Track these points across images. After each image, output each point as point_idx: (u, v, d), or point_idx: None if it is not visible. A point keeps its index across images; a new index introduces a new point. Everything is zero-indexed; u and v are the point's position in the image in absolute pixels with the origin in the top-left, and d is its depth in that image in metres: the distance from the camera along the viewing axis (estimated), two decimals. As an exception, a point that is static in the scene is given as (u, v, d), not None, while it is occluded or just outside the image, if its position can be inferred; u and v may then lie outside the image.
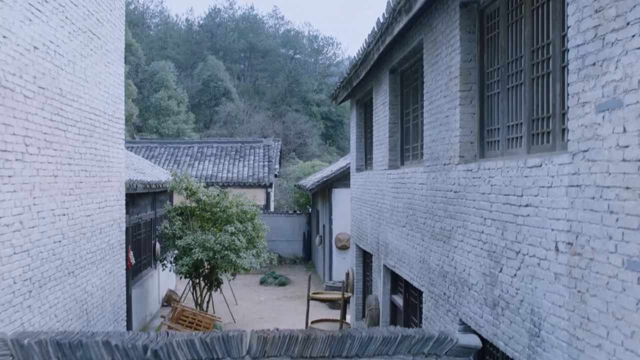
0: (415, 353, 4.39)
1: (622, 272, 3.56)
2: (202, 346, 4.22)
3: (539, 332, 4.63)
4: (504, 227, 5.32)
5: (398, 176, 9.53)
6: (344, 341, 4.34)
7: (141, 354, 4.15)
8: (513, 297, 5.11)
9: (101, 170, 8.75)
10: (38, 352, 4.13)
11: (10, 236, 5.78)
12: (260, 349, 4.27)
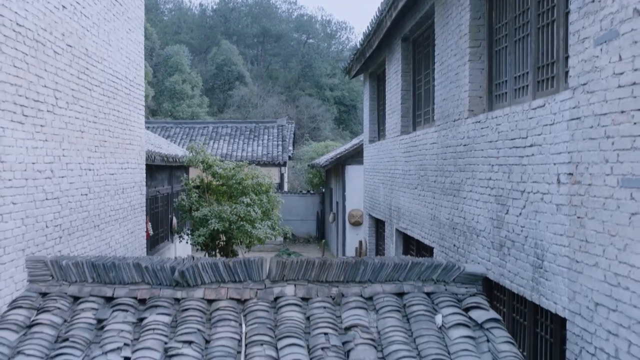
0: (425, 279, 4.68)
1: (617, 191, 3.82)
2: (226, 269, 4.53)
3: (542, 264, 4.90)
4: (510, 171, 5.58)
5: (410, 140, 9.78)
6: (357, 267, 4.64)
7: (169, 275, 4.48)
8: (518, 235, 5.38)
9: (123, 132, 9.09)
10: (75, 273, 4.47)
11: (42, 182, 6.13)
12: (279, 273, 4.58)
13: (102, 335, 4.03)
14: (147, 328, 4.09)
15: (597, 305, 4.08)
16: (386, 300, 4.48)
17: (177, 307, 4.35)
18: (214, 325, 4.19)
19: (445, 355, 3.99)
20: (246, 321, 4.24)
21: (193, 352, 3.89)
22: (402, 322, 4.31)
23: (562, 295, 4.57)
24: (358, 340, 4.07)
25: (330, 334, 4.12)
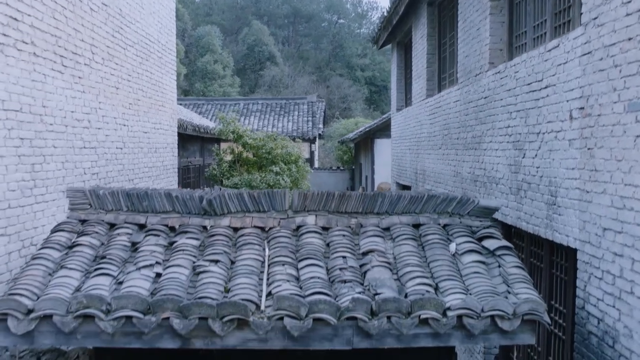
0: (440, 212, 4.89)
1: (623, 117, 3.98)
2: (250, 200, 4.81)
3: (555, 200, 5.07)
4: (526, 115, 5.73)
5: (435, 102, 9.93)
6: (375, 199, 4.87)
7: (197, 204, 4.78)
8: (534, 176, 5.54)
9: (156, 93, 9.45)
10: (111, 201, 4.80)
11: (80, 131, 6.50)
12: (300, 203, 4.84)
13: (135, 255, 4.36)
14: (177, 249, 4.40)
15: (604, 231, 4.25)
16: (402, 229, 4.71)
17: (205, 234, 4.65)
18: (239, 248, 4.49)
19: (457, 276, 4.21)
20: (269, 246, 4.52)
21: (219, 270, 4.19)
22: (417, 249, 4.54)
23: (574, 227, 4.74)
24: (374, 263, 4.31)
25: (348, 257, 4.37)
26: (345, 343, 3.84)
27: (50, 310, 3.71)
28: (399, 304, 3.82)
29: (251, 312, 3.78)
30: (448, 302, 3.89)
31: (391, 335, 3.84)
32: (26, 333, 3.71)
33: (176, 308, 3.74)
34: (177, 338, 3.77)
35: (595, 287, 4.41)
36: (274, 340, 3.82)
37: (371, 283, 4.08)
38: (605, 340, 4.25)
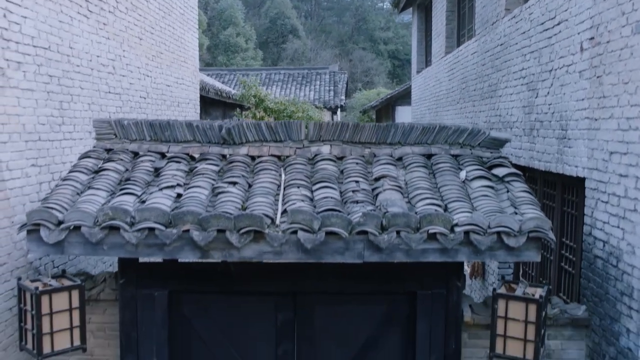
0: (452, 143, 5.02)
1: (631, 39, 4.06)
2: (268, 129, 5.00)
3: (566, 134, 5.17)
4: (540, 55, 5.80)
5: (453, 58, 9.98)
6: (388, 130, 5.02)
7: (217, 133, 4.98)
8: (546, 114, 5.64)
9: (178, 49, 9.65)
10: (135, 131, 5.03)
11: (105, 75, 6.73)
12: (316, 133, 5.01)
13: (158, 179, 4.58)
14: (197, 173, 4.62)
15: (611, 155, 4.35)
16: (414, 158, 4.87)
17: (224, 162, 4.86)
18: (256, 174, 4.69)
19: (465, 198, 4.35)
20: (285, 172, 4.71)
21: (237, 191, 4.40)
22: (428, 175, 4.69)
23: (582, 157, 4.85)
24: (386, 187, 4.48)
25: (360, 182, 4.54)
26: (357, 256, 4.02)
27: (79, 221, 3.95)
28: (408, 219, 3.99)
29: (267, 225, 3.97)
30: (456, 219, 4.05)
31: (400, 250, 4.01)
32: (57, 243, 3.95)
33: (196, 221, 3.96)
34: (197, 250, 3.99)
35: (601, 211, 4.53)
36: (288, 253, 4.01)
37: (382, 203, 4.25)
38: (610, 261, 4.38)
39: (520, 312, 4.16)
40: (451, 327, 4.53)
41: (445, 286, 4.52)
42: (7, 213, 4.81)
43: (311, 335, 4.62)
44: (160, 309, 4.50)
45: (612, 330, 4.34)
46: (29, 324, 4.18)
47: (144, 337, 4.51)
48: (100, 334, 5.10)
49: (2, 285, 4.75)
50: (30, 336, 4.19)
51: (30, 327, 4.17)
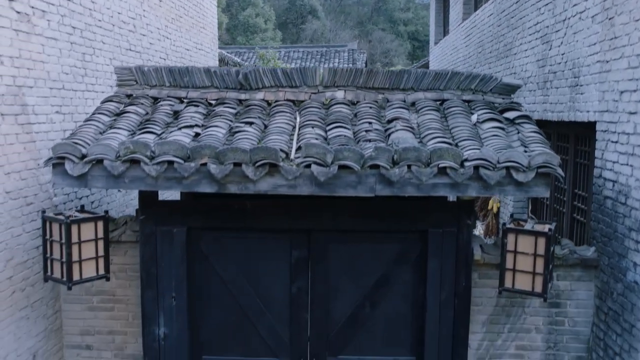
0: (464, 89, 5.10)
1: (641, -24, 4.09)
2: (283, 75, 5.12)
3: (578, 80, 5.22)
4: (554, 7, 5.83)
5: (470, 23, 9.99)
6: (401, 75, 5.11)
7: (234, 78, 5.11)
8: (559, 64, 5.68)
9: (197, 14, 9.80)
10: (155, 77, 5.18)
11: (126, 33, 6.89)
12: (330, 79, 5.13)
13: (177, 120, 4.73)
14: (215, 115, 4.76)
15: (621, 94, 4.41)
16: (427, 103, 4.96)
17: (241, 107, 4.99)
18: (272, 116, 4.81)
19: (476, 138, 4.44)
20: (300, 115, 4.84)
21: (253, 130, 4.53)
22: (439, 118, 4.78)
23: (594, 101, 4.90)
24: (398, 127, 4.58)
25: (373, 123, 4.65)
26: (369, 190, 4.14)
27: (101, 155, 4.11)
28: (419, 153, 4.09)
29: (281, 158, 4.10)
30: (465, 155, 4.14)
31: (411, 184, 4.11)
32: (81, 176, 4.12)
33: (213, 154, 4.10)
34: (214, 183, 4.13)
35: (611, 151, 4.59)
36: (302, 187, 4.14)
37: (394, 141, 4.35)
38: (619, 200, 4.45)
39: (529, 246, 4.26)
40: (461, 265, 4.64)
41: (456, 224, 4.63)
42: (34, 155, 5.01)
43: (325, 272, 4.76)
44: (179, 245, 4.67)
45: (619, 267, 4.42)
46: (56, 254, 4.38)
47: (164, 272, 4.69)
48: (121, 275, 5.31)
49: (29, 224, 4.96)
50: (57, 266, 4.39)
51: (58, 256, 4.37)
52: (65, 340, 5.43)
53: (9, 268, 4.67)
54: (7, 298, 4.66)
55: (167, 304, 4.70)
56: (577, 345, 4.92)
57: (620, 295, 4.41)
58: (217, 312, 4.83)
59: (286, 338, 4.82)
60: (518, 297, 4.88)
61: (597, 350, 4.79)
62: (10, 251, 4.69)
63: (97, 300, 5.36)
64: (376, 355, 4.86)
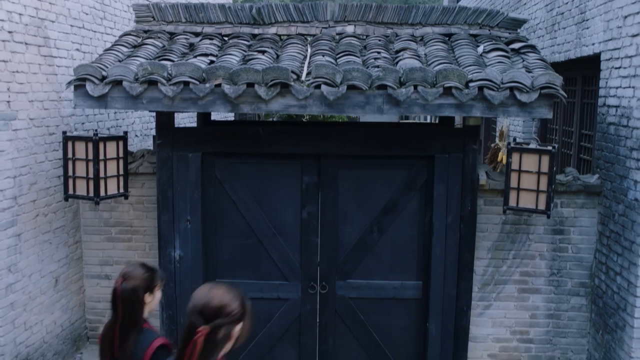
0: (471, 23, 5.21)
1: None
2: (295, 10, 5.27)
3: (584, 16, 5.31)
4: (563, -52, 5.91)
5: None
6: (410, 10, 5.24)
7: (248, 14, 5.27)
8: (566, 4, 5.77)
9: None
10: (171, 13, 5.36)
11: (143, -16, 7.13)
12: (341, 14, 5.27)
13: (193, 51, 4.91)
14: (229, 45, 4.93)
15: (624, 19, 4.51)
16: (434, 36, 5.09)
17: (254, 40, 5.16)
18: (284, 47, 4.98)
19: (481, 64, 4.56)
20: (311, 47, 4.99)
21: (266, 58, 4.69)
22: (447, 49, 4.91)
23: (599, 32, 5.00)
24: (406, 56, 4.72)
25: (382, 52, 4.80)
26: (376, 110, 4.29)
27: (121, 76, 4.29)
28: (425, 74, 4.22)
29: (292, 79, 4.26)
30: (470, 75, 4.27)
31: (417, 105, 4.25)
32: (101, 96, 4.31)
33: (227, 75, 4.27)
34: (228, 103, 4.30)
35: (614, 77, 4.69)
36: (312, 107, 4.30)
37: (402, 67, 4.49)
38: (621, 123, 4.56)
39: (534, 164, 4.38)
40: (467, 189, 4.77)
41: (462, 150, 4.75)
42: (55, 87, 5.22)
43: (334, 198, 4.92)
44: (193, 170, 4.85)
45: (621, 189, 4.54)
46: (80, 172, 4.59)
47: (179, 196, 4.87)
48: (139, 207, 5.52)
49: (52, 154, 5.18)
50: (81, 184, 4.60)
51: (82, 174, 4.59)
52: (85, 270, 5.66)
53: (32, 192, 4.89)
54: (31, 220, 4.88)
55: (183, 227, 4.90)
56: (580, 272, 5.04)
57: (621, 216, 4.52)
58: (231, 237, 5.01)
59: (297, 262, 5.00)
60: (523, 224, 5.02)
61: (599, 275, 4.92)
62: (34, 176, 4.91)
63: (116, 231, 5.57)
64: (383, 279, 5.02)
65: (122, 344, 2.86)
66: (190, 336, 2.14)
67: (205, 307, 2.18)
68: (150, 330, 2.96)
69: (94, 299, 5.70)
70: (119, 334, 2.86)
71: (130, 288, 2.86)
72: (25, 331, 4.84)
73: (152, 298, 2.97)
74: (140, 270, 2.95)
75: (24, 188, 4.77)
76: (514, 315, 5.14)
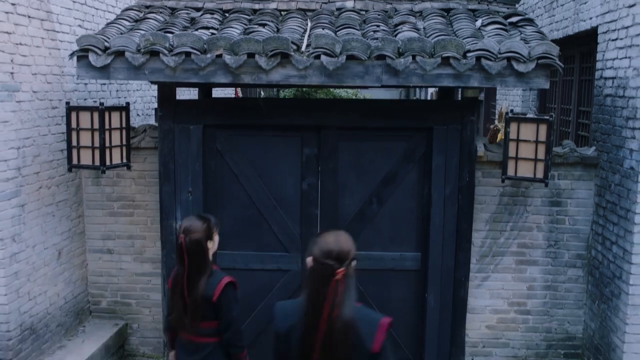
0: (469, -1, 5.30)
1: None
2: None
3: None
4: None
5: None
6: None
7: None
8: (565, -19, 5.82)
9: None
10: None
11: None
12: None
13: (194, 24, 4.96)
14: (230, 19, 4.99)
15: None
16: (433, 11, 5.15)
17: (254, 15, 5.21)
18: (284, 21, 5.03)
19: (479, 36, 4.61)
20: (311, 21, 5.04)
21: (266, 30, 4.74)
22: (445, 23, 4.96)
23: (596, 6, 5.06)
24: (405, 29, 4.77)
25: (381, 26, 4.85)
26: (375, 80, 4.34)
27: (123, 46, 4.34)
28: (423, 44, 4.27)
29: (293, 49, 4.31)
30: (468, 46, 4.32)
31: (416, 75, 4.30)
32: (103, 67, 4.36)
33: (228, 46, 4.32)
34: (229, 74, 4.35)
35: (611, 49, 4.75)
36: (312, 77, 4.34)
37: (400, 39, 4.55)
38: (617, 94, 4.62)
39: (532, 133, 4.44)
40: (465, 161, 4.83)
41: (460, 121, 4.81)
42: (58, 62, 5.27)
43: (334, 169, 4.98)
44: (195, 142, 4.91)
45: (617, 158, 4.60)
46: (85, 142, 4.66)
47: (180, 167, 4.93)
48: (141, 181, 5.59)
49: (55, 127, 5.23)
50: (86, 153, 4.68)
51: (87, 144, 4.66)
52: (87, 244, 5.73)
53: (36, 163, 4.95)
54: (35, 192, 4.95)
55: (184, 199, 4.96)
56: (577, 244, 5.11)
57: (617, 186, 4.58)
58: (231, 208, 5.08)
59: (297, 233, 5.06)
60: (520, 196, 5.08)
61: (595, 246, 4.98)
62: (37, 148, 4.97)
63: (118, 205, 5.64)
64: (383, 251, 5.08)
65: (192, 290, 3.38)
66: (330, 277, 2.56)
67: (340, 252, 2.61)
68: (218, 271, 3.55)
69: (96, 273, 5.76)
70: (187, 281, 3.38)
71: (194, 241, 3.36)
72: (29, 301, 4.91)
73: (213, 243, 3.52)
74: (198, 223, 3.43)
75: (27, 159, 4.83)
76: (511, 286, 5.21)
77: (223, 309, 3.43)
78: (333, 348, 2.56)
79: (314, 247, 2.67)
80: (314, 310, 2.58)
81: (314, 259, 2.64)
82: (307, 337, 2.61)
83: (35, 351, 4.98)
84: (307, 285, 2.70)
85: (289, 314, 2.74)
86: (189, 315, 3.40)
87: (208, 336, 3.49)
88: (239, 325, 3.58)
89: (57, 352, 5.20)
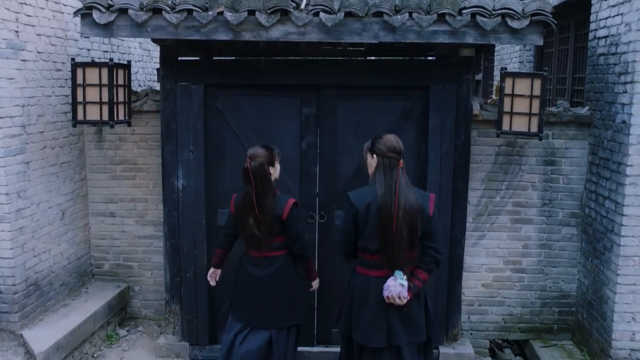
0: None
1: None
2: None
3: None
4: None
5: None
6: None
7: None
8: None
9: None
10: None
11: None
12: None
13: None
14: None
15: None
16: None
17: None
18: (284, -16, 5.12)
19: None
20: (310, -17, 5.14)
21: (266, -9, 4.84)
22: (442, -15, 5.06)
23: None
24: (402, -11, 4.87)
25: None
26: (372, 37, 4.43)
27: (126, 4, 4.44)
28: (420, 1, 4.37)
29: (292, 7, 4.41)
30: (463, 3, 4.42)
31: (412, 31, 4.39)
32: (107, 24, 4.45)
33: (229, 3, 4.40)
34: (230, 31, 4.44)
35: (604, 9, 4.85)
36: (311, 34, 4.43)
37: None
38: (610, 52, 4.72)
39: (526, 88, 4.54)
40: (461, 119, 4.93)
41: (456, 80, 4.91)
42: (62, 25, 5.37)
43: (333, 128, 5.08)
44: (196, 101, 5.01)
45: (609, 114, 4.70)
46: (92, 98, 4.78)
47: (182, 127, 5.03)
48: (143, 145, 5.68)
49: (59, 89, 5.32)
50: (93, 109, 4.82)
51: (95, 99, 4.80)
52: (90, 207, 5.83)
53: (40, 123, 5.05)
54: (39, 150, 5.05)
55: (185, 157, 5.06)
56: (571, 202, 5.21)
57: (610, 141, 4.68)
58: (232, 167, 5.17)
59: (296, 192, 5.16)
60: (515, 155, 5.18)
61: (589, 204, 5.08)
62: (42, 108, 5.07)
63: (120, 169, 5.74)
64: (381, 209, 5.17)
65: (261, 207, 4.03)
66: (395, 167, 3.67)
67: (400, 148, 3.73)
68: (282, 194, 4.25)
69: (99, 236, 5.87)
70: (257, 200, 4.03)
71: (258, 164, 4.04)
72: (34, 257, 5.01)
73: (274, 170, 4.17)
74: (262, 150, 4.11)
75: (32, 118, 4.92)
76: (507, 245, 5.31)
77: (291, 225, 4.14)
78: (407, 215, 3.58)
79: (379, 145, 3.73)
80: (389, 191, 3.60)
81: (379, 154, 3.70)
82: (386, 210, 3.58)
83: (39, 307, 5.09)
84: (378, 174, 3.68)
85: (362, 197, 3.70)
86: (263, 232, 4.06)
87: (278, 249, 4.19)
88: (305, 237, 4.37)
89: (61, 309, 5.31)
